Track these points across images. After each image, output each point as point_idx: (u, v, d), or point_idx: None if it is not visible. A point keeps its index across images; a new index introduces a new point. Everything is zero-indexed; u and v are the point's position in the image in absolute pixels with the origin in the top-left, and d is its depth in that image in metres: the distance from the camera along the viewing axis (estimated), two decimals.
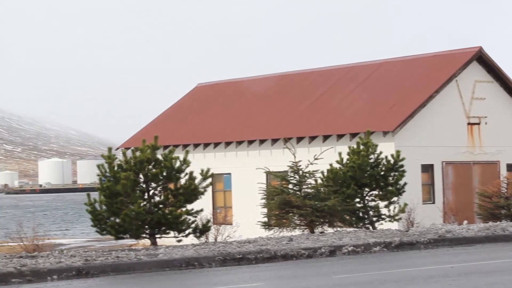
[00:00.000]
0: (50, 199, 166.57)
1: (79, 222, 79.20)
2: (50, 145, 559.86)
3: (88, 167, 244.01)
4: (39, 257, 20.65)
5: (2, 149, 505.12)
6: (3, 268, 18.58)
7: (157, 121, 50.65)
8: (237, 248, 22.17)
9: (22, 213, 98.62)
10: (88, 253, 21.53)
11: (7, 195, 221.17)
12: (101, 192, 25.79)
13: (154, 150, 25.86)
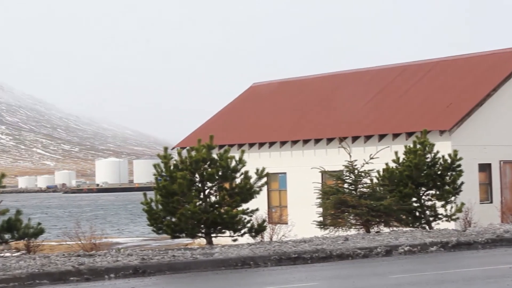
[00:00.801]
0: (107, 198, 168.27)
1: (135, 221, 79.85)
2: (107, 144, 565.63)
3: (144, 166, 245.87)
4: (96, 255, 20.87)
5: (60, 149, 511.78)
6: (61, 267, 18.83)
7: (212, 120, 50.82)
8: (293, 248, 22.15)
9: (79, 212, 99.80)
10: (145, 252, 21.70)
11: (65, 194, 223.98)
12: (157, 191, 25.98)
13: (210, 150, 25.96)
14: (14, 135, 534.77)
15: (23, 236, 27.48)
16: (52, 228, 61.43)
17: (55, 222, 79.91)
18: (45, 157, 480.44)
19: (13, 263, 19.20)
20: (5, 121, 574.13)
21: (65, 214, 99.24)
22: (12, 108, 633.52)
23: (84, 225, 34.01)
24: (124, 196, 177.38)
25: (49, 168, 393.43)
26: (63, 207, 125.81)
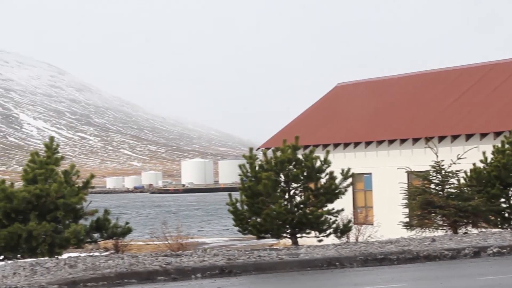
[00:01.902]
0: (193, 199, 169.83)
1: (220, 221, 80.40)
2: (192, 145, 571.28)
3: (229, 167, 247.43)
4: (183, 255, 21.05)
5: (146, 149, 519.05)
6: (149, 266, 19.06)
7: (297, 121, 50.83)
8: (379, 249, 21.97)
9: (166, 213, 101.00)
10: (231, 252, 21.80)
11: (151, 195, 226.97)
12: (243, 192, 26.12)
13: (295, 150, 25.98)
14: (102, 136, 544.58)
15: (112, 236, 28.00)
16: (139, 228, 62.36)
17: (142, 222, 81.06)
18: (132, 158, 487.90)
19: (102, 263, 19.52)
20: (93, 122, 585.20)
21: (152, 214, 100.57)
22: (100, 109, 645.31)
23: (170, 225, 34.43)
24: (209, 196, 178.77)
25: (136, 169, 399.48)
26: (150, 207, 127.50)
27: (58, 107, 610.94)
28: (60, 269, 18.55)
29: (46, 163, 27.00)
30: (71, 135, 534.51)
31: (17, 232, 25.54)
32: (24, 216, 26.22)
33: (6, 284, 17.13)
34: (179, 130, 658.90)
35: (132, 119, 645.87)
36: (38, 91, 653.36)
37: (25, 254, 25.98)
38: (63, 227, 26.56)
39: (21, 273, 18.20)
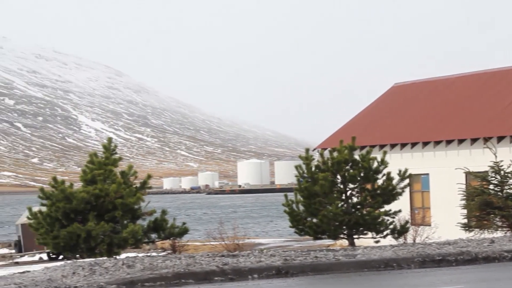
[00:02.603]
0: (249, 199, 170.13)
1: (277, 222, 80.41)
2: (248, 146, 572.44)
3: (286, 167, 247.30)
4: (240, 256, 21.08)
5: (203, 150, 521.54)
6: (206, 267, 19.13)
7: (353, 121, 50.59)
8: (437, 250, 21.76)
9: (222, 213, 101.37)
10: (287, 253, 21.78)
11: (208, 195, 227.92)
12: (299, 192, 26.10)
13: (352, 151, 25.89)
14: (159, 137, 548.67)
15: (169, 236, 28.19)
16: (196, 229, 62.68)
17: (199, 222, 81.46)
18: (188, 158, 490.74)
19: (159, 263, 19.65)
20: (150, 123, 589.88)
21: (208, 215, 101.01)
22: (157, 111, 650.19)
23: (227, 225, 34.54)
24: (265, 197, 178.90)
25: (192, 170, 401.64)
26: (206, 208, 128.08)
27: (115, 108, 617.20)
28: (118, 269, 18.72)
29: (105, 164, 27.29)
30: (128, 136, 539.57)
31: (76, 232, 25.86)
32: (83, 216, 26.54)
33: (65, 283, 17.35)
34: (235, 131, 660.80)
35: (189, 120, 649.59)
36: (96, 92, 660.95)
37: (84, 254, 26.29)
38: (121, 227, 26.81)
39: (80, 273, 18.41)
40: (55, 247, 26.93)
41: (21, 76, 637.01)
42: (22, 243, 45.58)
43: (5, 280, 18.25)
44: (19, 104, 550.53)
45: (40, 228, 26.82)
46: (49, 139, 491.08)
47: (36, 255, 43.76)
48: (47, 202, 26.94)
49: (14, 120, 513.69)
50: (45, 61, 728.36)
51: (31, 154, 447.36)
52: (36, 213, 27.13)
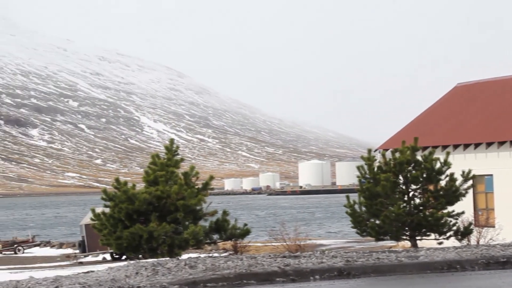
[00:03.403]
0: (310, 200, 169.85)
1: (338, 223, 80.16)
2: (309, 147, 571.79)
3: (347, 168, 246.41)
4: (301, 257, 21.05)
5: (264, 151, 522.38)
6: (268, 267, 19.14)
7: (416, 122, 50.18)
8: (501, 252, 21.45)
9: (283, 214, 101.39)
10: (349, 254, 21.69)
11: (269, 196, 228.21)
12: (361, 193, 25.98)
13: (414, 152, 25.68)
14: (220, 138, 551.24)
15: (230, 237, 28.26)
16: (257, 229, 62.79)
17: (260, 223, 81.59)
18: (250, 159, 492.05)
19: (221, 263, 19.71)
20: (211, 125, 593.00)
21: (270, 216, 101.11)
22: (218, 112, 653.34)
23: (288, 226, 34.52)
24: (326, 198, 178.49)
25: (253, 171, 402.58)
26: (268, 209, 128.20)
27: (177, 109, 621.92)
28: (181, 270, 18.84)
29: (167, 165, 27.48)
30: (190, 137, 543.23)
31: (138, 232, 26.08)
32: (145, 217, 26.75)
33: (129, 283, 17.51)
34: (296, 132, 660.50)
35: (250, 121, 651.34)
36: (158, 94, 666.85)
37: (146, 254, 26.52)
38: (183, 228, 26.96)
39: (143, 273, 18.57)
40: (118, 247, 27.20)
41: (84, 78, 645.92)
42: (86, 244, 46.17)
43: (70, 279, 18.50)
44: (83, 106, 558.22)
45: (103, 229, 27.13)
46: (112, 141, 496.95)
47: (100, 255, 44.29)
48: (110, 203, 27.23)
49: (78, 121, 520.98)
50: (108, 63, 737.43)
51: (95, 155, 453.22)
52: (99, 214, 27.45)
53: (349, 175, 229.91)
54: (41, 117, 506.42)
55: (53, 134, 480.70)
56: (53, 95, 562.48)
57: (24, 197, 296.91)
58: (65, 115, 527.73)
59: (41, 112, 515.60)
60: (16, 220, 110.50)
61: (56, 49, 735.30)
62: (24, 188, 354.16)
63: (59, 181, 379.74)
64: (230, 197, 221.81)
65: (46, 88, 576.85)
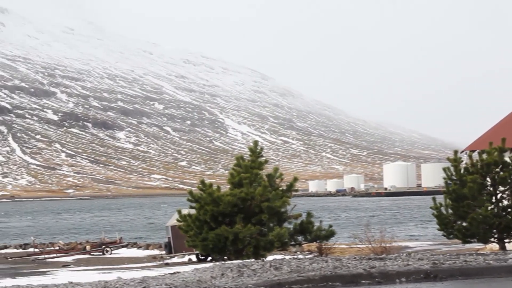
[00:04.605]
0: (395, 202, 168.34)
1: (423, 225, 79.23)
2: (394, 148, 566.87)
3: (432, 170, 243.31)
4: (387, 259, 20.90)
5: (348, 153, 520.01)
6: (353, 269, 19.06)
7: (503, 122, 49.24)
8: None
9: (368, 216, 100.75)
10: (435, 257, 21.43)
11: (353, 198, 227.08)
12: (447, 195, 25.66)
13: (502, 153, 25.26)
14: (304, 140, 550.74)
15: (315, 239, 28.23)
16: (342, 231, 62.52)
17: (345, 225, 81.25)
18: (334, 161, 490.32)
19: (306, 265, 19.71)
20: (296, 126, 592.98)
21: (354, 218, 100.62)
22: (302, 114, 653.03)
23: (373, 228, 34.29)
24: (411, 200, 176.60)
25: (338, 172, 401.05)
26: (352, 211, 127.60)
27: (261, 112, 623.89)
28: (266, 271, 18.90)
29: (251, 167, 27.58)
30: (274, 139, 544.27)
31: (223, 234, 26.25)
32: (230, 219, 26.91)
33: (214, 284, 17.65)
34: (380, 133, 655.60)
35: (334, 123, 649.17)
36: (242, 96, 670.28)
37: (231, 256, 26.67)
38: (268, 230, 27.02)
39: (228, 274, 18.69)
40: (203, 249, 27.42)
41: (169, 81, 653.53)
42: (172, 245, 46.62)
43: (157, 280, 18.74)
44: (168, 108, 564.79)
45: (189, 231, 27.38)
46: (197, 143, 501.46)
47: (186, 256, 44.69)
48: (196, 205, 27.48)
49: (164, 124, 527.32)
50: (193, 66, 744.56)
51: (180, 158, 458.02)
52: (185, 216, 27.72)
53: (434, 176, 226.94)
54: (127, 119, 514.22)
55: (139, 136, 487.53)
56: (139, 98, 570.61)
57: (111, 199, 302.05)
58: (151, 117, 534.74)
59: (127, 115, 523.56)
60: (103, 222, 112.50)
61: (142, 52, 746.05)
62: (111, 190, 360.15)
63: (145, 183, 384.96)
64: (315, 199, 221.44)
65: (132, 91, 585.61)
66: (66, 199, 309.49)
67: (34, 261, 49.77)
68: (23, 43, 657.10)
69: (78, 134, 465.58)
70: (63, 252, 53.57)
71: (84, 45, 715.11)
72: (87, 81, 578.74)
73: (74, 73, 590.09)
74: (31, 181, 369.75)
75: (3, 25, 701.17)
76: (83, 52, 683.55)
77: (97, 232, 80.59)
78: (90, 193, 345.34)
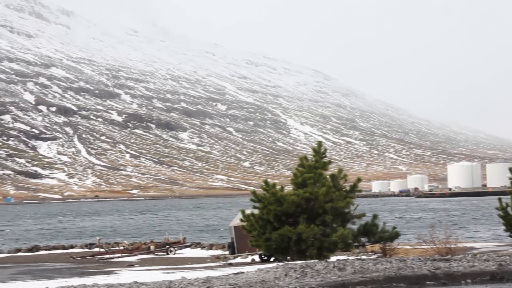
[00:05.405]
0: (460, 202, 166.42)
1: (489, 226, 78.20)
2: (459, 148, 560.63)
3: (498, 170, 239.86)
4: (452, 260, 20.69)
5: (412, 153, 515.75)
6: (417, 271, 18.92)
7: None
8: None
9: (433, 217, 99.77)
10: (502, 258, 21.14)
11: (417, 199, 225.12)
12: None
13: None
14: (367, 140, 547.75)
15: (379, 240, 28.06)
16: (406, 232, 62.02)
17: (408, 226, 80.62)
18: (397, 161, 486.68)
19: (370, 266, 19.62)
20: (358, 126, 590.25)
21: (418, 218, 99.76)
22: (365, 114, 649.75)
23: (438, 229, 33.93)
24: (477, 200, 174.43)
25: (401, 173, 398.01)
26: (416, 211, 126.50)
27: (324, 112, 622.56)
28: (329, 272, 18.86)
29: (315, 167, 27.54)
30: (336, 140, 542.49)
31: (287, 234, 26.26)
32: (294, 219, 26.89)
33: (278, 285, 17.67)
34: (445, 133, 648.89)
35: (397, 123, 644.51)
36: (304, 97, 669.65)
37: (294, 256, 26.65)
38: (331, 230, 26.94)
39: (292, 275, 18.70)
40: (267, 249, 27.45)
41: (232, 82, 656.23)
42: (235, 245, 46.76)
43: (221, 280, 18.83)
44: (231, 109, 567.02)
45: (252, 231, 27.44)
46: (260, 143, 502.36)
47: (249, 256, 44.80)
48: (259, 205, 27.53)
49: (226, 125, 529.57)
50: (255, 66, 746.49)
51: (243, 158, 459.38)
52: (249, 216, 27.78)
53: (500, 177, 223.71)
54: (190, 120, 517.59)
55: (202, 137, 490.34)
56: (202, 99, 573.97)
57: (174, 199, 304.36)
58: (213, 118, 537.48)
59: (190, 116, 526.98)
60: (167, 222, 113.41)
61: (205, 53, 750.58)
62: (175, 190, 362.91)
63: (208, 183, 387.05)
64: (378, 200, 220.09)
65: (195, 92, 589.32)
66: (130, 200, 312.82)
67: (100, 260, 50.42)
68: (88, 45, 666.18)
69: (142, 135, 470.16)
70: (128, 252, 54.14)
71: (147, 46, 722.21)
72: (151, 83, 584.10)
73: (138, 74, 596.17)
74: (96, 181, 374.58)
75: (69, 27, 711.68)
76: (146, 53, 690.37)
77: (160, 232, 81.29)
78: (154, 194, 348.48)
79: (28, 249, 59.99)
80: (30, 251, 59.23)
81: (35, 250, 59.45)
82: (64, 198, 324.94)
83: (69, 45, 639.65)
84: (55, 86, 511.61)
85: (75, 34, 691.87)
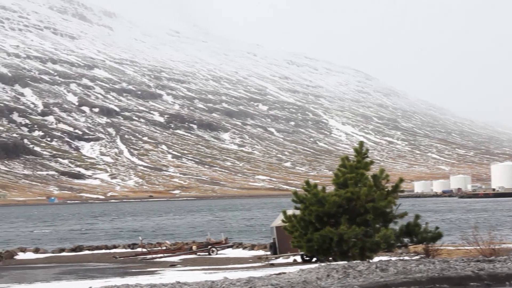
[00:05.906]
0: (504, 203, 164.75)
1: None
2: (502, 148, 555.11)
3: None
4: (496, 261, 20.49)
5: (455, 153, 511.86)
6: (461, 272, 18.76)
7: None
8: None
9: (476, 217, 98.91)
10: None
11: (460, 199, 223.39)
12: None
13: None
14: (409, 140, 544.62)
15: (421, 241, 27.86)
16: (449, 233, 61.57)
17: (451, 226, 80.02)
18: (440, 161, 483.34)
19: (413, 267, 19.50)
20: (400, 126, 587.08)
21: (462, 219, 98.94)
22: (407, 114, 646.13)
23: (481, 229, 33.65)
24: None
25: (444, 173, 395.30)
26: (459, 212, 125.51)
27: (365, 112, 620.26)
28: (372, 272, 18.78)
29: (356, 167, 27.45)
30: (378, 140, 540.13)
31: (329, 235, 26.19)
32: (335, 220, 26.82)
33: (320, 285, 17.63)
34: (488, 133, 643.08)
35: (440, 123, 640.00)
36: (346, 97, 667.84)
37: (336, 257, 26.57)
38: (373, 231, 26.82)
39: (334, 276, 18.65)
40: (308, 250, 27.39)
41: (273, 82, 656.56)
42: (277, 245, 46.75)
43: (263, 281, 18.83)
44: (272, 109, 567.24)
45: (294, 231, 27.41)
46: (301, 144, 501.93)
47: (290, 257, 44.75)
48: (300, 206, 27.49)
49: (268, 125, 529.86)
50: (296, 67, 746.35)
51: (284, 158, 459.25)
52: (290, 216, 27.75)
53: None
54: (232, 121, 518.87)
55: (244, 137, 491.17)
56: (243, 99, 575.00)
57: (216, 199, 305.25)
58: (255, 119, 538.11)
59: (232, 116, 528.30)
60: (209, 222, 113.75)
61: (246, 54, 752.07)
62: (216, 190, 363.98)
63: (249, 183, 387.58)
64: (420, 200, 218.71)
65: (236, 92, 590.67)
66: (172, 200, 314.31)
67: (142, 260, 50.69)
68: (130, 46, 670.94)
69: (183, 135, 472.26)
70: (170, 252, 54.37)
71: (189, 47, 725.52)
72: (192, 83, 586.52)
73: (179, 75, 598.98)
74: (138, 182, 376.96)
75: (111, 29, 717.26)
76: (188, 54, 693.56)
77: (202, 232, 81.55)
78: (195, 194, 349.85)
79: (71, 249, 60.51)
80: (73, 251, 59.75)
81: (78, 250, 59.94)
82: (106, 199, 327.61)
83: (112, 46, 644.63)
84: (97, 87, 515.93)
85: (117, 36, 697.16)
